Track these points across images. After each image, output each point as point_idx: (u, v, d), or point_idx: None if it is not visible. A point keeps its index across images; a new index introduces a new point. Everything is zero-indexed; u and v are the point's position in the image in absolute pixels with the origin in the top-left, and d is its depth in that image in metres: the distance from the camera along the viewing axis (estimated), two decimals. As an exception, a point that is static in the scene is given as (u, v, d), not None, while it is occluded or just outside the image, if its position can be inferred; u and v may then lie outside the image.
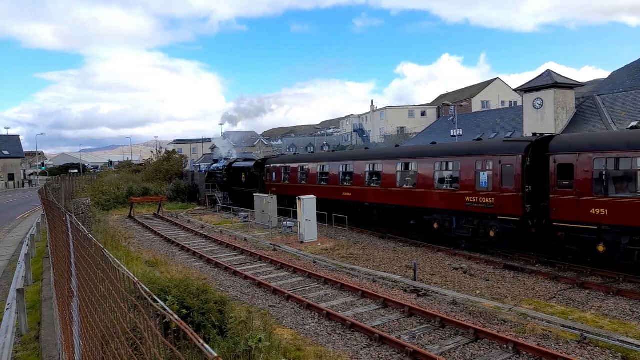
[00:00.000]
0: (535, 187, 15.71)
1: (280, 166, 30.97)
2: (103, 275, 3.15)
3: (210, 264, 17.14)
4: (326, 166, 26.48)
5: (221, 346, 7.53)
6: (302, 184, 27.89)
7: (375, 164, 22.67)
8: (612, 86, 50.29)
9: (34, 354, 8.34)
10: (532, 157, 15.74)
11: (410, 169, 20.41)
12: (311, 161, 28.52)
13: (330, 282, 13.74)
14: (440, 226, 18.73)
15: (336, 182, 25.09)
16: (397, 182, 20.85)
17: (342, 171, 24.84)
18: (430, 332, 9.86)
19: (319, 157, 29.78)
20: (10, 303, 8.62)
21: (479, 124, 50.18)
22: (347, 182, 24.30)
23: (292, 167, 29.65)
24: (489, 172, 16.65)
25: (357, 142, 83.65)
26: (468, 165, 17.43)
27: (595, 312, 10.91)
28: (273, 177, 31.47)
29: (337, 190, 24.80)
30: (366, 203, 22.82)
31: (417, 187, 19.62)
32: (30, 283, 13.44)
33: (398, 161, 21.05)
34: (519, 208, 15.63)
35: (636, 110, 35.49)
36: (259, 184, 32.83)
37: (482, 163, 16.99)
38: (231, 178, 36.80)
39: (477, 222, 17.33)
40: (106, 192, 38.73)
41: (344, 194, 24.22)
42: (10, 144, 77.23)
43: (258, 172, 33.32)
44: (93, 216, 20.23)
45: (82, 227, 4.72)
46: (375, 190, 22.19)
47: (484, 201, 16.67)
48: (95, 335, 3.54)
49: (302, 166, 28.60)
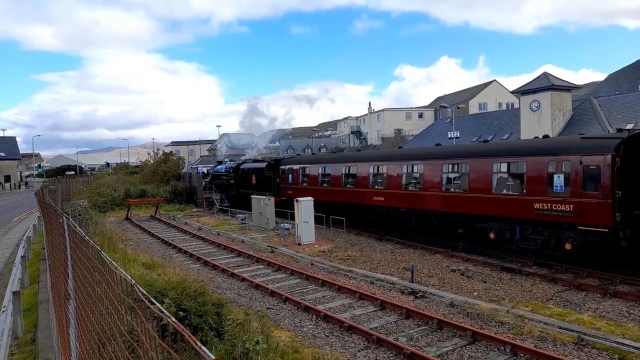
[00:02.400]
0: (628, 192, 13.48)
1: (298, 167, 28.65)
2: (100, 278, 3.14)
3: (207, 266, 17.10)
4: (353, 167, 24.02)
5: (218, 348, 7.51)
6: (324, 187, 25.84)
7: (414, 165, 20.27)
8: (609, 89, 50.53)
9: (30, 357, 8.29)
10: (623, 156, 13.44)
11: (459, 171, 17.96)
12: (334, 162, 26.13)
13: (328, 284, 13.73)
14: (498, 236, 16.30)
15: (365, 185, 22.71)
16: (442, 186, 18.41)
17: (373, 173, 22.46)
18: (427, 334, 9.85)
19: (344, 157, 27.73)
20: (6, 305, 8.58)
21: (476, 126, 50.32)
22: (380, 186, 21.93)
23: (311, 169, 27.41)
24: (565, 174, 14.27)
25: (354, 144, 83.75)
26: (537, 166, 15.04)
27: (592, 314, 10.93)
28: (289, 179, 29.21)
29: (367, 195, 22.45)
30: (402, 209, 20.45)
31: (470, 191, 17.16)
32: (26, 285, 13.38)
33: (444, 162, 18.56)
34: (606, 217, 13.28)
35: (632, 112, 35.67)
36: (273, 186, 30.66)
37: (557, 164, 14.53)
38: (239, 180, 34.63)
39: (548, 232, 14.86)
40: (103, 194, 38.64)
41: (375, 199, 21.85)
42: (7, 146, 76.98)
43: (271, 173, 31.06)
44: (90, 218, 20.16)
45: (79, 229, 4.71)
46: (415, 195, 19.82)
47: (559, 208, 14.25)
48: (92, 338, 3.53)
49: (324, 167, 26.35)
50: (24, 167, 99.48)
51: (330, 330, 10.26)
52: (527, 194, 15.26)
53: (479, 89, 77.42)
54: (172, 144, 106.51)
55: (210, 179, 39.71)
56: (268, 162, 32.69)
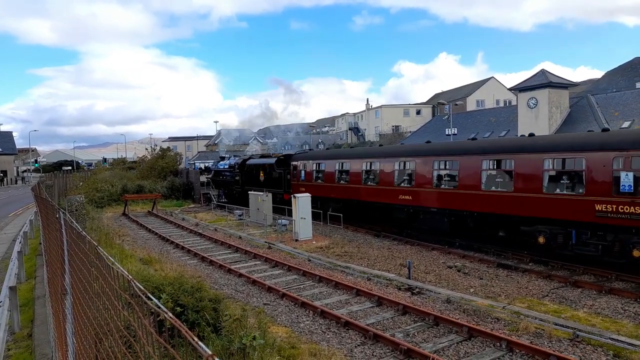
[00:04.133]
0: None
1: (312, 163, 27.01)
2: (97, 273, 3.14)
3: (204, 261, 17.10)
4: (375, 163, 22.27)
5: (215, 344, 7.53)
6: (341, 184, 24.34)
7: (447, 161, 18.68)
8: (606, 86, 50.62)
9: (27, 352, 8.29)
10: None
11: (503, 167, 16.47)
12: (353, 157, 24.36)
13: (325, 280, 13.76)
14: (548, 240, 14.71)
15: (390, 183, 21.04)
16: (481, 184, 16.87)
17: (399, 169, 20.87)
18: (424, 330, 9.90)
19: (365, 152, 25.86)
20: (2, 300, 8.56)
21: (473, 123, 50.38)
22: (406, 183, 20.38)
23: (327, 165, 25.80)
24: (636, 172, 12.69)
25: (352, 141, 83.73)
26: (599, 162, 13.47)
27: (587, 311, 10.99)
28: (302, 175, 27.54)
29: (391, 193, 20.86)
30: (433, 209, 18.87)
31: (515, 190, 15.59)
32: (23, 281, 13.36)
33: (483, 158, 16.96)
34: None
35: (629, 110, 35.76)
36: (283, 183, 29.12)
37: (624, 160, 12.91)
38: (245, 177, 33.21)
39: (612, 237, 13.37)
40: (100, 190, 38.53)
41: (401, 197, 20.27)
42: (3, 141, 76.68)
43: (281, 169, 29.43)
44: (87, 213, 20.13)
45: (76, 225, 4.70)
46: (448, 194, 18.21)
47: (627, 210, 12.74)
48: (88, 333, 3.53)
49: (341, 163, 24.81)
50: (20, 162, 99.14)
51: (327, 326, 10.29)
52: (587, 194, 13.71)
53: (477, 85, 77.43)
54: (170, 140, 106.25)
55: (213, 176, 38.64)
56: (278, 157, 30.94)
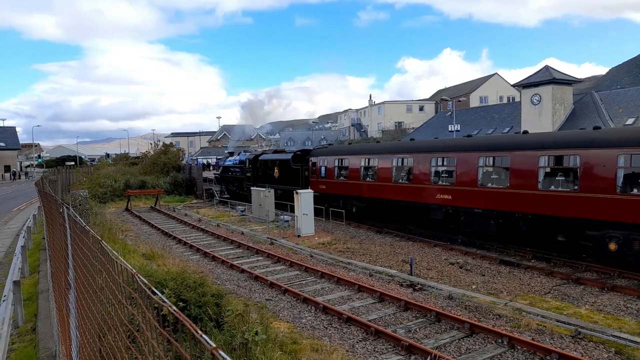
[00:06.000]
0: None
1: (333, 159, 25.27)
2: (100, 267, 3.15)
3: (207, 257, 17.16)
4: (408, 159, 20.57)
5: (218, 339, 7.56)
6: (368, 182, 22.67)
7: (496, 157, 16.91)
8: (610, 82, 50.39)
9: (31, 346, 8.35)
10: None
11: (565, 164, 14.73)
12: (382, 153, 22.48)
13: (327, 276, 13.78)
14: (621, 247, 12.93)
15: (426, 181, 19.30)
16: (538, 183, 15.15)
17: (436, 166, 19.18)
18: (425, 326, 9.91)
19: (396, 147, 23.65)
20: (6, 295, 8.62)
21: (476, 120, 50.27)
22: (445, 181, 18.58)
23: (351, 161, 23.99)
24: None
25: (355, 137, 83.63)
26: None
27: (589, 308, 10.99)
28: (322, 172, 25.97)
29: (427, 192, 19.12)
30: (477, 209, 17.14)
31: (581, 190, 13.93)
32: (26, 275, 13.43)
33: (541, 154, 15.15)
34: None
35: (633, 107, 35.61)
36: (300, 180, 27.66)
37: None
38: (258, 173, 31.89)
39: None
40: (103, 185, 38.64)
41: (439, 197, 18.55)
42: (7, 136, 76.88)
43: (298, 165, 28.06)
44: (90, 208, 20.20)
45: (79, 219, 4.72)
46: (496, 193, 16.43)
47: None
48: (92, 327, 3.55)
49: (368, 159, 23.04)
50: (24, 157, 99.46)
51: (329, 321, 10.31)
52: None
53: (480, 82, 77.17)
54: (172, 135, 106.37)
55: (221, 172, 37.77)
56: (294, 153, 29.78)
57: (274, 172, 30.21)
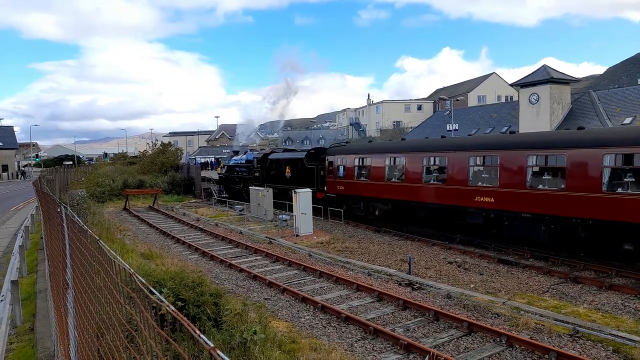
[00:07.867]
0: None
1: (354, 158, 23.39)
2: (98, 267, 3.15)
3: (205, 256, 17.14)
4: (442, 159, 18.73)
5: (216, 338, 7.55)
6: (393, 182, 20.86)
7: (548, 155, 15.05)
8: (608, 82, 50.50)
9: (29, 345, 8.34)
10: None
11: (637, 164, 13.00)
12: (410, 151, 20.46)
13: (326, 275, 13.79)
14: None
15: (462, 182, 17.50)
16: (602, 185, 13.36)
17: (475, 165, 17.54)
18: (424, 325, 9.92)
19: (426, 145, 21.26)
20: (4, 294, 8.60)
21: (474, 119, 50.32)
22: (486, 182, 16.79)
23: (374, 160, 22.16)
24: None
25: (353, 136, 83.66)
26: None
27: (587, 306, 11.01)
28: (340, 172, 24.17)
29: (464, 194, 17.35)
30: (525, 214, 15.39)
31: None
32: (24, 275, 13.41)
33: (605, 152, 13.28)
34: None
35: (631, 106, 35.69)
36: (316, 180, 25.97)
37: None
38: (268, 173, 30.45)
39: None
40: (101, 184, 38.56)
41: (479, 199, 16.80)
42: (4, 135, 76.73)
43: (313, 165, 26.38)
44: (88, 208, 20.15)
45: (77, 219, 4.71)
46: (549, 196, 14.72)
47: None
48: (90, 327, 3.55)
49: (393, 158, 21.30)
50: (21, 156, 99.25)
51: (327, 321, 10.32)
52: None
53: (478, 81, 77.29)
54: (171, 135, 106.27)
55: (226, 171, 36.94)
56: (308, 151, 28.04)
57: (286, 172, 28.75)
